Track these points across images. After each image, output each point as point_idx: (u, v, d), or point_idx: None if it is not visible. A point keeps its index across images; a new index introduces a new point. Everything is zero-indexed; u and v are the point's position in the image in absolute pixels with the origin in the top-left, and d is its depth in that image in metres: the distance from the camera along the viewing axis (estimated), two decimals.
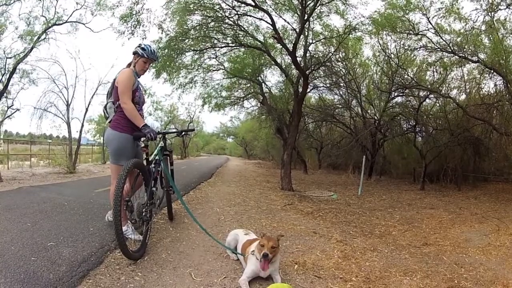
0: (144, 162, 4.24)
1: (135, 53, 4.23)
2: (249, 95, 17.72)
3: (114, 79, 4.16)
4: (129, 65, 4.28)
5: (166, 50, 11.63)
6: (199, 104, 29.27)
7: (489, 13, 9.52)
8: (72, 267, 3.17)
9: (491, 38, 10.42)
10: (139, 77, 4.29)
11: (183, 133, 5.17)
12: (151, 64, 4.52)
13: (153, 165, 4.37)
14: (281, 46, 11.53)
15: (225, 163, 32.06)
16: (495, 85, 12.39)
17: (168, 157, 4.92)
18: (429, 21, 10.60)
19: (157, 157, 4.49)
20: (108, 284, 2.95)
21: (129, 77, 4.02)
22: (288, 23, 12.08)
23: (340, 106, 18.95)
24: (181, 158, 39.06)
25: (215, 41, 12.52)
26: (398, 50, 12.85)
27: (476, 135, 12.71)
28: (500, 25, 10.03)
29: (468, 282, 3.55)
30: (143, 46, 4.23)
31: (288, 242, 4.68)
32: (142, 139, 4.12)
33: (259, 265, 3.18)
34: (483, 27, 10.12)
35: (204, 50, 12.94)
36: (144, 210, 3.86)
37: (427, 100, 14.31)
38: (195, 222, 4.10)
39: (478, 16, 9.78)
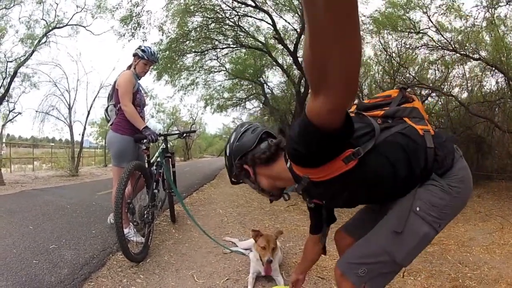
0: (146, 164, 4.23)
1: (135, 55, 4.24)
2: (251, 96, 17.74)
3: (115, 82, 4.16)
4: (129, 67, 4.29)
5: (167, 52, 11.65)
6: (201, 106, 29.38)
7: (489, 10, 9.49)
8: (74, 269, 3.18)
9: (492, 35, 10.40)
10: (139, 79, 4.29)
11: (184, 134, 5.14)
12: (151, 66, 4.52)
13: (154, 167, 4.36)
14: (282, 47, 11.54)
15: None
16: (497, 82, 12.37)
17: (169, 159, 4.91)
18: (430, 19, 10.58)
19: (158, 159, 4.48)
20: (110, 286, 2.95)
21: (129, 80, 4.02)
22: (289, 23, 12.10)
23: None
24: (184, 160, 39.01)
25: (216, 43, 12.54)
26: (399, 49, 12.81)
27: (478, 133, 12.66)
28: (501, 22, 10.01)
29: (472, 281, 3.52)
30: (143, 48, 4.23)
31: (291, 243, 4.65)
32: (144, 141, 4.12)
33: (261, 267, 3.19)
34: (484, 24, 10.11)
35: (205, 52, 12.96)
36: (145, 212, 3.85)
37: (429, 98, 14.26)
38: (195, 224, 4.09)
39: (479, 13, 9.77)
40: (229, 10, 10.94)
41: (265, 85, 16.06)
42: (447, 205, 1.54)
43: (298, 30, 11.07)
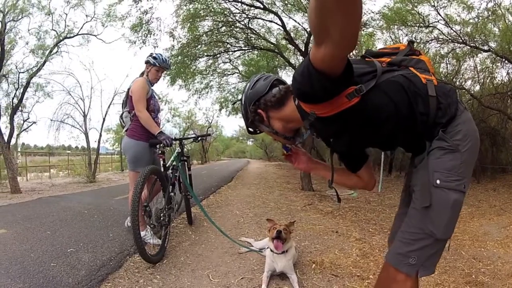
0: (161, 168, 4.32)
1: (147, 62, 4.33)
2: None
3: (128, 89, 4.27)
4: (142, 74, 4.39)
5: (179, 57, 11.74)
6: (216, 109, 29.28)
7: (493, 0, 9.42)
8: (91, 271, 3.27)
9: (500, 26, 10.31)
10: (152, 85, 4.39)
11: (199, 138, 5.20)
12: (163, 72, 4.61)
13: (170, 171, 4.45)
14: (294, 47, 11.55)
15: (246, 166, 31.90)
16: (508, 73, 12.30)
17: (185, 163, 4.98)
18: (438, 12, 10.51)
19: (174, 163, 4.57)
20: (126, 286, 3.04)
21: (143, 86, 4.12)
22: (299, 23, 12.08)
23: None
24: (201, 163, 38.98)
25: (228, 45, 12.60)
26: None
27: (492, 125, 12.54)
28: (507, 11, 9.91)
29: (486, 277, 3.53)
30: (154, 55, 4.32)
31: (307, 242, 4.70)
32: (159, 145, 4.21)
33: (272, 246, 3.28)
34: (486, 13, 10.03)
35: (218, 55, 13.03)
36: (162, 215, 3.94)
37: None
38: (211, 223, 4.16)
39: (481, 4, 9.70)
40: (239, 13, 11.00)
41: None
42: (461, 162, 1.56)
43: (308, 30, 11.05)
